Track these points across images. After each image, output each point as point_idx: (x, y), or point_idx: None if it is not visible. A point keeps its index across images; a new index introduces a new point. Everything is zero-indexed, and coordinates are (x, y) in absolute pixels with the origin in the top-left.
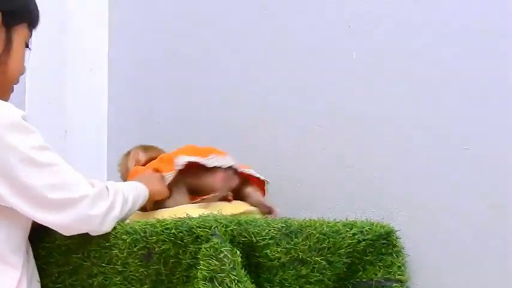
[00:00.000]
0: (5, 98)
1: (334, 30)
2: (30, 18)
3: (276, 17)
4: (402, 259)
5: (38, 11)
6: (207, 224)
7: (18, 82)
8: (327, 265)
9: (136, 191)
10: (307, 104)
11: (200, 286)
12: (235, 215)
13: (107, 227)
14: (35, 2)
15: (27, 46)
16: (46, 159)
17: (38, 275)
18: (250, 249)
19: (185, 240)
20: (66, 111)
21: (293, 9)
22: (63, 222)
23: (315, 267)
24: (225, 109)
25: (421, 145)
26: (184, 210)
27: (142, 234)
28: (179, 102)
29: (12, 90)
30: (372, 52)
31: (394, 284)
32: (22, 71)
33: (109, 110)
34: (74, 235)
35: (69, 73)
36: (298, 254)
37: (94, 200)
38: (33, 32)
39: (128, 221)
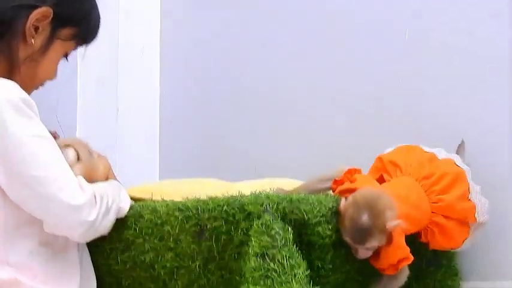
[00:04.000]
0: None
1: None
2: (82, 31)
3: None
4: None
5: (96, 30)
6: (258, 201)
7: (43, 86)
8: None
9: None
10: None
11: (252, 262)
12: None
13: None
14: (96, 20)
15: (66, 56)
16: None
17: (88, 252)
18: (301, 227)
19: (237, 217)
20: (118, 90)
21: None
22: None
23: None
24: (276, 86)
25: (469, 124)
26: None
27: (194, 211)
28: (231, 80)
29: (36, 89)
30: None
31: (443, 262)
32: (51, 77)
33: (161, 88)
34: (126, 214)
35: (120, 52)
36: None
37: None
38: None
39: (180, 198)
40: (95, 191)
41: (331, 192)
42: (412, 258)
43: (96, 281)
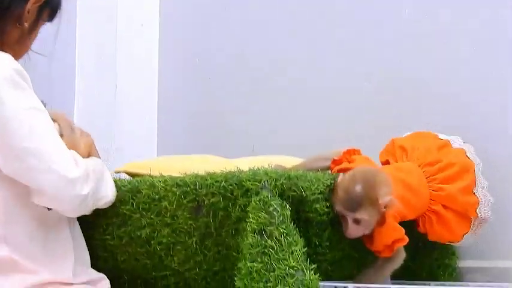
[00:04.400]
0: None
1: None
2: (54, 11)
3: None
4: None
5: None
6: (257, 178)
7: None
8: None
9: None
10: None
11: (249, 239)
12: None
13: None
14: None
15: None
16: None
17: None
18: (299, 204)
19: (235, 193)
20: (116, 66)
21: None
22: None
23: None
24: (276, 65)
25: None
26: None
27: (192, 187)
28: (230, 58)
29: None
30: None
31: None
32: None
33: (159, 66)
34: (124, 189)
35: (119, 28)
36: None
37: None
38: None
39: (178, 174)
40: (87, 165)
41: (329, 171)
42: (407, 239)
43: (88, 252)
